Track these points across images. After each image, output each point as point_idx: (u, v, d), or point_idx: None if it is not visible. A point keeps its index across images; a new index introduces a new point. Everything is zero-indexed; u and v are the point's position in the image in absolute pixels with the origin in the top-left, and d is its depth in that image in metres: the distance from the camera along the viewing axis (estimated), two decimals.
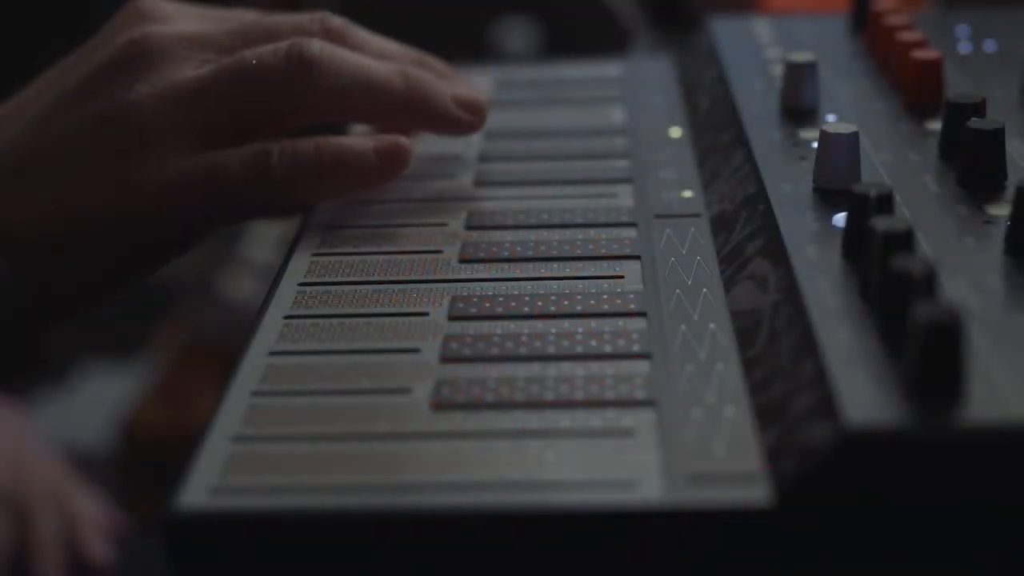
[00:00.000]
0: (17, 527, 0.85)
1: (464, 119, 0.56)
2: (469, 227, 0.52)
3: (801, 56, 0.57)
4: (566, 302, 0.46)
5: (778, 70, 0.61)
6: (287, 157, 0.51)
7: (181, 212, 0.52)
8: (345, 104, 0.54)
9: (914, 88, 0.56)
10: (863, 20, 0.65)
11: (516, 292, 0.47)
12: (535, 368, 0.42)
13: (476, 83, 0.59)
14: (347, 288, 0.48)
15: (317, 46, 0.52)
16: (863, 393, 0.36)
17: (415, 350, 0.44)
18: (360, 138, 0.53)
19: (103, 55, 0.53)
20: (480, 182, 0.56)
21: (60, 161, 0.51)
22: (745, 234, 0.48)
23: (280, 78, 0.52)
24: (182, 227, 0.54)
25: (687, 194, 0.54)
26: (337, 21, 0.56)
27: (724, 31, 0.67)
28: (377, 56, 0.55)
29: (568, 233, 0.51)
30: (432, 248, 0.50)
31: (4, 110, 0.54)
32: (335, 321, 0.45)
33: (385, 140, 0.53)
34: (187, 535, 0.37)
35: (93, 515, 0.89)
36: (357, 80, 0.53)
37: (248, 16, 0.57)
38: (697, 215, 0.52)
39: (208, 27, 0.55)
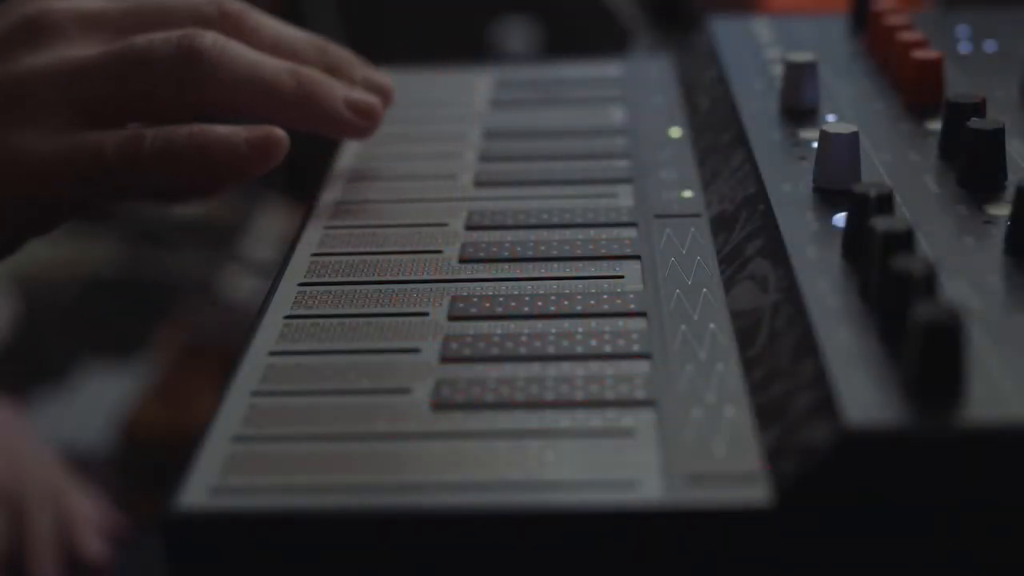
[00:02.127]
0: (13, 525, 0.85)
1: (354, 123, 0.55)
2: (469, 227, 0.52)
3: (801, 56, 0.57)
4: (566, 302, 0.46)
5: (778, 70, 0.61)
6: (159, 143, 0.51)
7: (55, 189, 0.52)
8: (233, 100, 0.53)
9: (914, 88, 0.56)
10: (863, 20, 0.65)
11: (516, 292, 0.47)
12: (535, 368, 0.42)
13: (379, 76, 0.58)
14: (347, 288, 0.48)
15: (210, 39, 0.52)
16: (863, 393, 0.36)
17: (415, 350, 0.44)
18: (234, 128, 0.52)
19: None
20: (480, 182, 0.56)
21: None
22: (745, 234, 0.48)
23: (167, 68, 0.52)
24: (54, 204, 0.53)
25: (687, 194, 0.54)
26: (235, 6, 0.55)
27: (724, 31, 0.67)
28: (274, 46, 0.55)
29: (568, 233, 0.51)
30: (432, 248, 0.50)
31: None
32: (335, 321, 0.45)
33: (257, 131, 0.52)
34: (187, 535, 0.37)
35: (89, 514, 0.89)
36: (246, 77, 0.53)
37: None
38: (697, 215, 0.52)
39: (105, 5, 0.54)
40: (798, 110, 0.56)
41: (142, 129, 0.52)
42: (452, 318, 0.45)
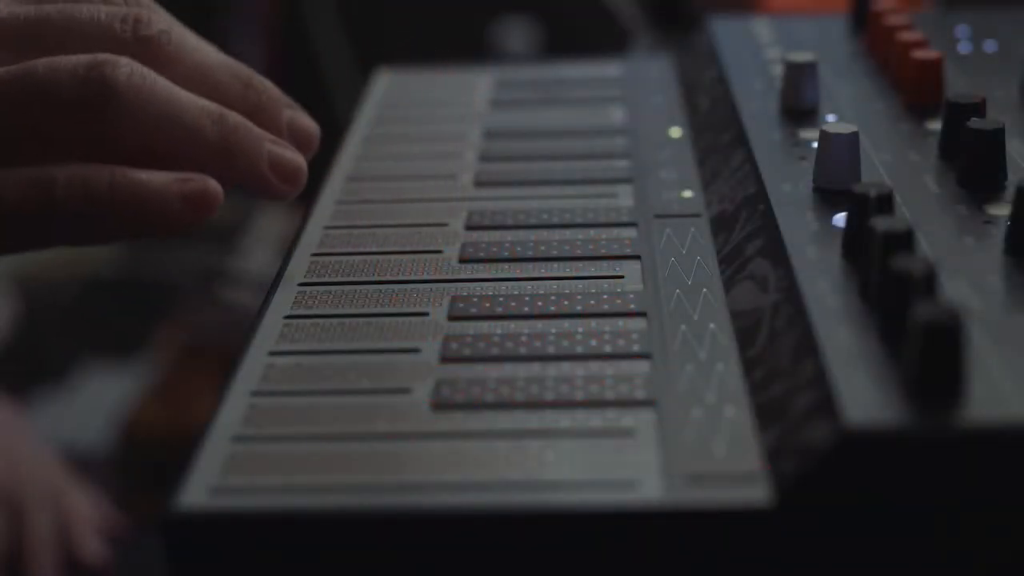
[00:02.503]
0: (13, 526, 0.85)
1: (275, 186, 0.48)
2: (469, 227, 0.52)
3: (801, 56, 0.57)
4: (566, 302, 0.46)
5: (778, 70, 0.61)
6: (76, 189, 0.44)
7: None
8: (147, 144, 0.46)
9: (914, 88, 0.56)
10: (863, 20, 0.65)
11: (516, 292, 0.47)
12: (535, 368, 0.42)
13: (306, 120, 0.51)
14: (347, 288, 0.48)
15: (124, 73, 0.45)
16: (863, 393, 0.36)
17: (415, 350, 0.44)
18: (163, 175, 0.45)
19: None
20: (480, 182, 0.56)
21: None
22: (745, 234, 0.48)
23: (72, 102, 0.44)
24: None
25: (687, 194, 0.54)
26: (153, 28, 0.47)
27: (724, 31, 0.67)
28: (194, 77, 0.48)
29: (568, 233, 0.51)
30: (432, 248, 0.50)
31: None
32: (335, 321, 0.45)
33: (192, 185, 0.45)
34: (187, 535, 0.37)
35: (89, 514, 0.89)
36: (163, 121, 0.45)
37: None
38: (697, 215, 0.52)
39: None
40: (798, 110, 0.56)
41: (53, 170, 0.44)
42: (452, 318, 0.45)
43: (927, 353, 0.36)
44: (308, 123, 0.51)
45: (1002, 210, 0.46)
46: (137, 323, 1.47)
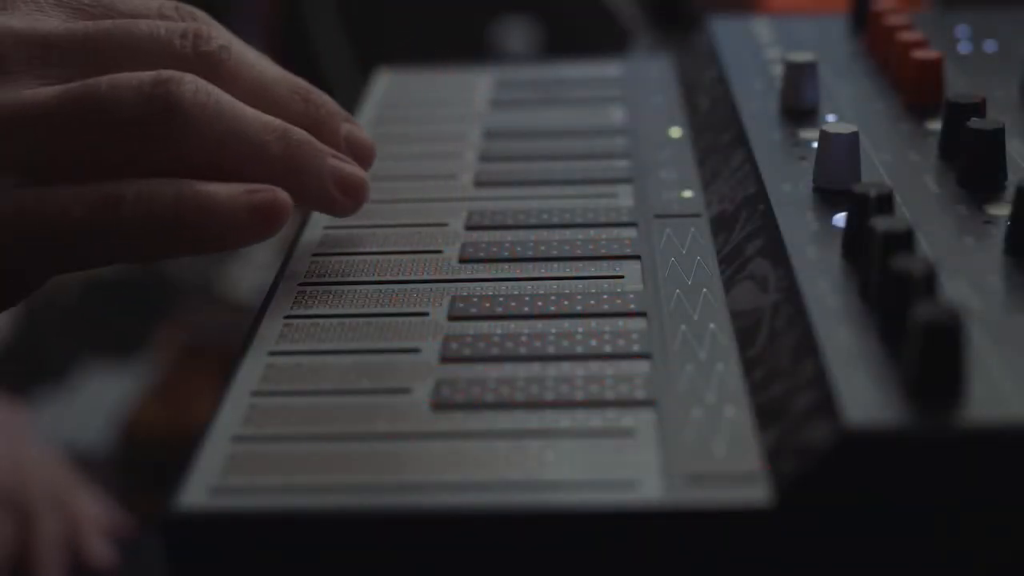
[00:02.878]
0: (19, 529, 0.85)
1: (339, 201, 0.48)
2: (469, 227, 0.52)
3: (801, 56, 0.57)
4: (566, 302, 0.46)
5: (778, 70, 0.61)
6: (142, 206, 0.43)
7: (14, 259, 0.44)
8: (212, 160, 0.45)
9: (914, 88, 0.56)
10: (863, 20, 0.65)
11: (516, 292, 0.47)
12: (535, 368, 0.42)
13: (362, 133, 0.51)
14: (347, 288, 0.48)
15: (189, 89, 0.44)
16: (863, 393, 0.36)
17: (415, 350, 0.44)
18: (231, 188, 0.45)
19: None
20: (480, 182, 0.56)
21: None
22: (745, 234, 0.48)
23: (137, 122, 0.43)
24: (16, 271, 0.45)
25: (687, 194, 0.54)
26: (213, 44, 0.47)
27: (724, 31, 0.67)
28: (254, 93, 0.47)
29: (568, 233, 0.51)
30: (432, 248, 0.50)
31: None
32: (335, 321, 0.45)
33: (262, 195, 0.45)
34: (187, 535, 0.37)
35: (94, 516, 0.89)
36: (229, 138, 0.45)
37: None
38: (697, 215, 0.52)
39: (51, 26, 0.45)
40: (798, 110, 0.56)
41: (119, 185, 0.43)
42: (452, 318, 0.45)
43: (927, 353, 0.36)
44: (365, 137, 0.51)
45: (1002, 210, 0.46)
46: (137, 323, 1.47)
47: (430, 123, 0.63)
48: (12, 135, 0.43)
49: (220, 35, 0.47)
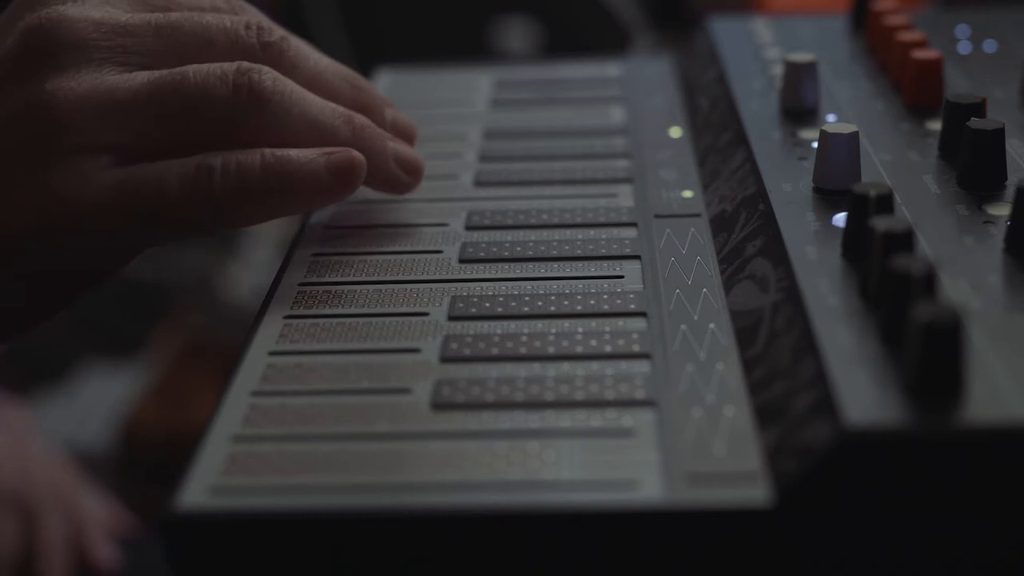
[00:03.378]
0: (24, 530, 0.85)
1: (401, 179, 0.52)
2: (469, 227, 0.52)
3: (801, 56, 0.57)
4: (566, 302, 0.46)
5: (778, 70, 0.61)
6: (232, 175, 0.46)
7: (107, 236, 0.46)
8: (288, 143, 0.48)
9: (914, 88, 0.56)
10: (863, 20, 0.65)
11: (516, 292, 0.47)
12: (535, 368, 0.42)
13: (405, 118, 0.55)
14: (347, 288, 0.48)
15: (269, 78, 0.47)
16: (863, 393, 0.36)
17: (415, 350, 0.44)
18: (310, 152, 0.48)
19: (4, 47, 0.46)
20: (480, 182, 0.56)
21: None
22: (745, 234, 0.48)
23: (227, 108, 0.47)
24: (108, 252, 0.47)
25: (687, 194, 0.54)
26: (275, 35, 0.50)
27: (724, 31, 0.68)
28: (312, 81, 0.50)
29: (568, 233, 0.51)
30: (432, 248, 0.50)
31: None
32: (335, 321, 0.45)
33: (339, 156, 0.48)
34: (187, 535, 0.37)
35: (99, 517, 0.89)
36: (302, 123, 0.48)
37: None
38: (697, 215, 0.52)
39: (124, 16, 0.48)
40: (798, 110, 0.56)
41: (207, 159, 0.46)
42: (452, 318, 0.45)
43: (927, 353, 0.36)
44: (407, 120, 0.55)
45: (1002, 210, 0.46)
46: (137, 323, 1.47)
47: (430, 123, 0.63)
48: (117, 118, 0.46)
49: (278, 27, 0.51)
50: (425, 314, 0.46)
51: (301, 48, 0.51)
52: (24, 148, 0.45)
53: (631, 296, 0.46)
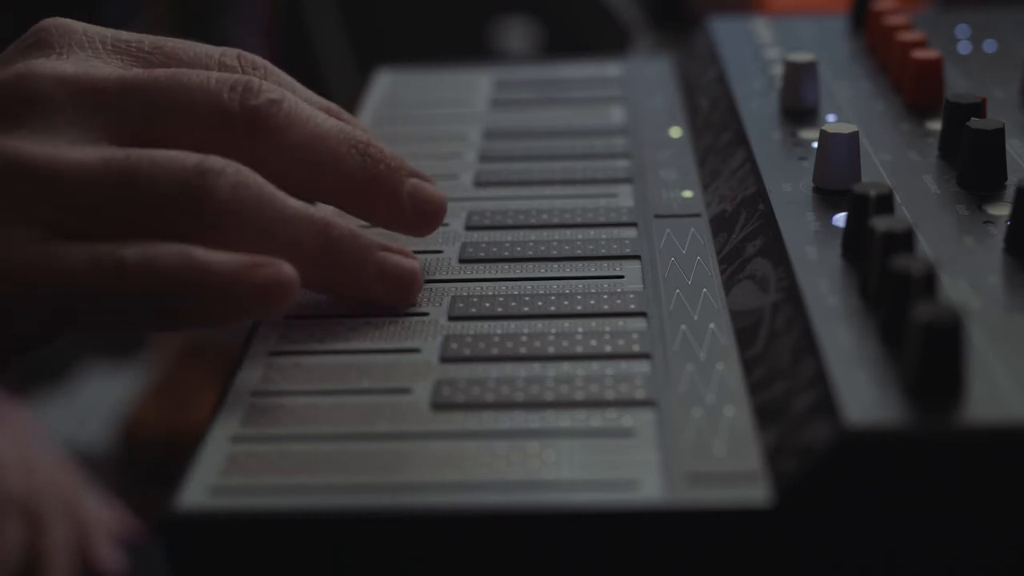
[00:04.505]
0: (28, 533, 0.85)
1: (384, 297, 0.46)
2: (469, 227, 0.52)
3: (801, 56, 0.57)
4: (566, 302, 0.46)
5: (778, 70, 0.61)
6: (142, 272, 0.42)
7: (18, 313, 0.43)
8: (246, 251, 0.43)
9: (914, 88, 0.56)
10: (863, 20, 0.65)
11: (516, 292, 0.47)
12: (535, 368, 0.42)
13: (431, 192, 0.48)
14: None
15: (229, 183, 0.43)
16: (863, 393, 0.36)
17: (415, 350, 0.44)
18: (235, 260, 0.42)
19: None
20: (480, 182, 0.56)
21: None
22: (745, 234, 0.48)
23: (173, 206, 0.43)
24: (17, 330, 0.43)
25: (687, 194, 0.54)
26: (262, 98, 0.45)
27: (724, 31, 0.68)
28: (310, 146, 0.46)
29: (568, 233, 0.51)
30: (432, 248, 0.50)
31: None
32: (335, 321, 0.45)
33: (263, 271, 0.42)
34: (187, 535, 0.37)
35: (103, 521, 0.89)
36: (261, 233, 0.43)
37: (167, 47, 0.47)
38: (697, 215, 0.52)
39: (103, 73, 0.45)
40: (798, 110, 0.56)
41: (122, 248, 0.42)
42: (452, 318, 0.45)
43: (927, 353, 0.36)
44: (433, 192, 0.48)
45: (1002, 210, 0.46)
46: None
47: (430, 123, 0.63)
48: (43, 189, 0.42)
49: (272, 89, 0.46)
50: (425, 314, 0.46)
51: (298, 112, 0.46)
52: None
53: (631, 296, 0.46)
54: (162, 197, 0.42)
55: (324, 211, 0.46)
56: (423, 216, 0.48)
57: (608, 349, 0.43)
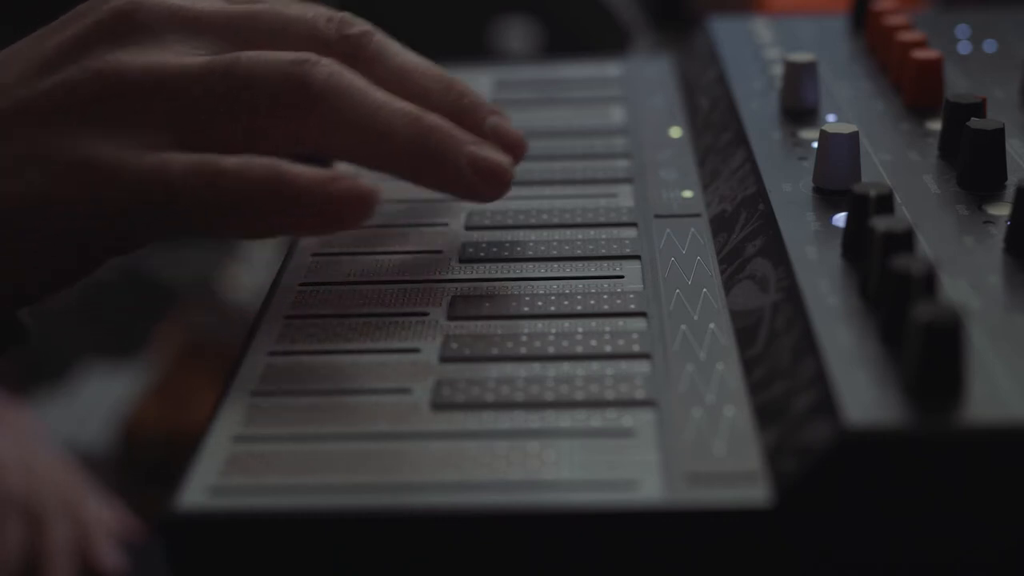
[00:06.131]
0: (29, 533, 0.85)
1: (477, 187, 0.48)
2: (469, 227, 0.52)
3: (801, 56, 0.57)
4: (566, 302, 0.46)
5: (778, 70, 0.61)
6: (234, 180, 0.44)
7: (130, 212, 0.45)
8: (337, 144, 0.47)
9: (914, 88, 0.56)
10: (863, 20, 0.65)
11: (516, 292, 0.47)
12: (535, 368, 0.42)
13: (510, 126, 0.51)
14: (347, 288, 0.48)
15: (324, 71, 0.46)
16: (863, 393, 0.36)
17: (415, 350, 0.44)
18: (317, 174, 0.45)
19: (83, 23, 0.46)
20: None
21: (22, 137, 0.44)
22: (745, 234, 0.48)
23: (271, 96, 0.45)
24: (131, 230, 0.46)
25: (687, 194, 0.54)
26: (358, 27, 0.49)
27: (724, 31, 0.68)
28: (396, 79, 0.49)
29: (568, 233, 0.51)
30: (432, 248, 0.50)
31: None
32: (335, 321, 0.45)
33: (343, 184, 0.45)
34: (187, 535, 0.37)
35: (104, 521, 0.89)
36: (357, 121, 0.46)
37: None
38: (697, 215, 0.52)
39: (207, 5, 0.48)
40: (798, 110, 0.56)
41: (219, 159, 0.44)
42: (452, 318, 0.45)
43: (927, 353, 0.36)
44: (512, 129, 0.51)
45: (1002, 210, 0.46)
46: (137, 323, 1.47)
47: None
48: (161, 93, 0.45)
49: (366, 23, 0.49)
50: (425, 314, 0.46)
51: (387, 45, 0.50)
52: (69, 119, 0.45)
53: (631, 296, 0.46)
54: (262, 87, 0.45)
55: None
56: (504, 149, 0.49)
57: (608, 349, 0.43)
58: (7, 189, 0.44)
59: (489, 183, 0.48)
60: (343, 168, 0.52)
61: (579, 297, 0.46)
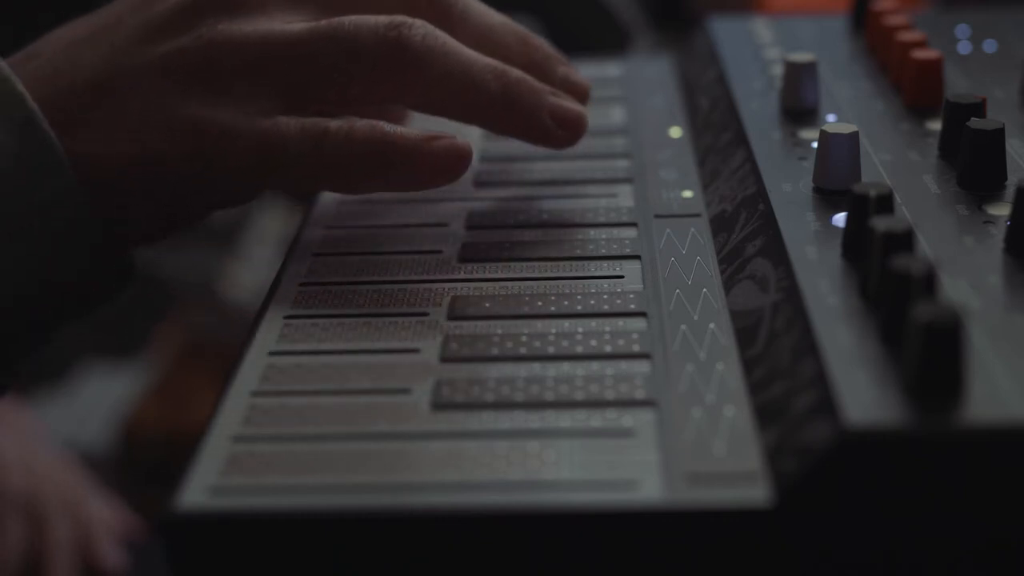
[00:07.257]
0: (31, 533, 0.85)
1: (556, 134, 0.52)
2: (469, 227, 0.52)
3: (801, 56, 0.57)
4: (566, 302, 0.46)
5: (778, 70, 0.61)
6: (341, 141, 0.48)
7: (241, 172, 0.49)
8: (432, 99, 0.51)
9: (914, 88, 0.56)
10: (863, 20, 0.65)
11: (516, 292, 0.47)
12: (535, 368, 0.42)
13: (578, 75, 0.55)
14: (347, 288, 0.48)
15: (419, 32, 0.49)
16: (863, 393, 0.36)
17: (415, 350, 0.44)
18: (419, 133, 0.49)
19: None
20: (480, 182, 0.56)
21: (138, 98, 0.48)
22: (745, 234, 0.48)
23: (370, 60, 0.49)
24: (239, 187, 0.50)
25: (687, 194, 0.54)
26: None
27: (724, 31, 0.68)
28: (480, 37, 0.53)
29: (568, 233, 0.51)
30: (432, 248, 0.50)
31: (82, 30, 0.50)
32: (335, 321, 0.45)
33: (442, 143, 0.49)
34: (187, 535, 0.37)
35: (105, 521, 0.89)
36: (450, 77, 0.50)
37: None
38: (697, 215, 0.52)
39: None
40: (798, 110, 0.56)
41: (325, 120, 0.49)
42: (452, 318, 0.45)
43: (927, 353, 0.36)
44: (580, 78, 0.55)
45: (1002, 210, 0.46)
46: (137, 323, 1.47)
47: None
48: (270, 61, 0.49)
49: None
50: (425, 314, 0.46)
51: (471, 6, 0.53)
52: (190, 81, 0.48)
53: (631, 296, 0.46)
54: (363, 51, 0.49)
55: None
56: (574, 97, 0.54)
57: (608, 349, 0.43)
58: (127, 149, 0.48)
59: (568, 131, 0.53)
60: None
61: (579, 297, 0.46)
